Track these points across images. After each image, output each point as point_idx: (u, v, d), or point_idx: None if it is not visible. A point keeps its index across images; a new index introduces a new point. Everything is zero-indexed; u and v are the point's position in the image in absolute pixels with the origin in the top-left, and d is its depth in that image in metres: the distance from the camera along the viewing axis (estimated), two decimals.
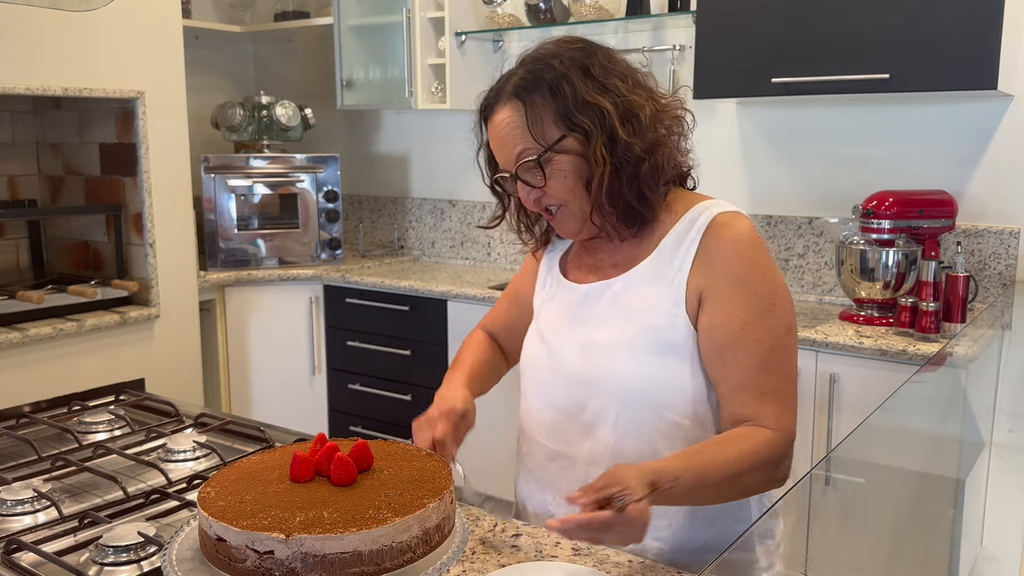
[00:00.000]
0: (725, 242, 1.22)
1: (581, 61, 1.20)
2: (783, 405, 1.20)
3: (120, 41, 2.80)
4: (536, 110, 1.20)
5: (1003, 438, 1.69)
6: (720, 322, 1.21)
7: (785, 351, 1.21)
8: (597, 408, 1.26)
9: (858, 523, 1.22)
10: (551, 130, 1.20)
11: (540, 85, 1.20)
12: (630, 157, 1.19)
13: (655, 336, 1.22)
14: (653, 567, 1.16)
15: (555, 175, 1.21)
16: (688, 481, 1.10)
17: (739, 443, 1.17)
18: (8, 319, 2.65)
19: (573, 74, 1.19)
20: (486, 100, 1.27)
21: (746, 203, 3.07)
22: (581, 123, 1.18)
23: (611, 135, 1.18)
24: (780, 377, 1.20)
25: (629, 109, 1.19)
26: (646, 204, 1.23)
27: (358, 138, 4.12)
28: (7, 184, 3.15)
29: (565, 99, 1.18)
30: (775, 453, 1.18)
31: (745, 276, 1.21)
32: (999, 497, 1.64)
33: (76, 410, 1.77)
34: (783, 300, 1.22)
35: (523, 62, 1.24)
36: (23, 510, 1.28)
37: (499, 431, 3.24)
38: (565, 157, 1.20)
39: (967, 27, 2.30)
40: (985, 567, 1.48)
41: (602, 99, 1.18)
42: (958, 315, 2.34)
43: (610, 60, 1.23)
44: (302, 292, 3.48)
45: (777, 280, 1.23)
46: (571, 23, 3.17)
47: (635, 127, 1.19)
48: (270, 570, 0.94)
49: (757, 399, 1.19)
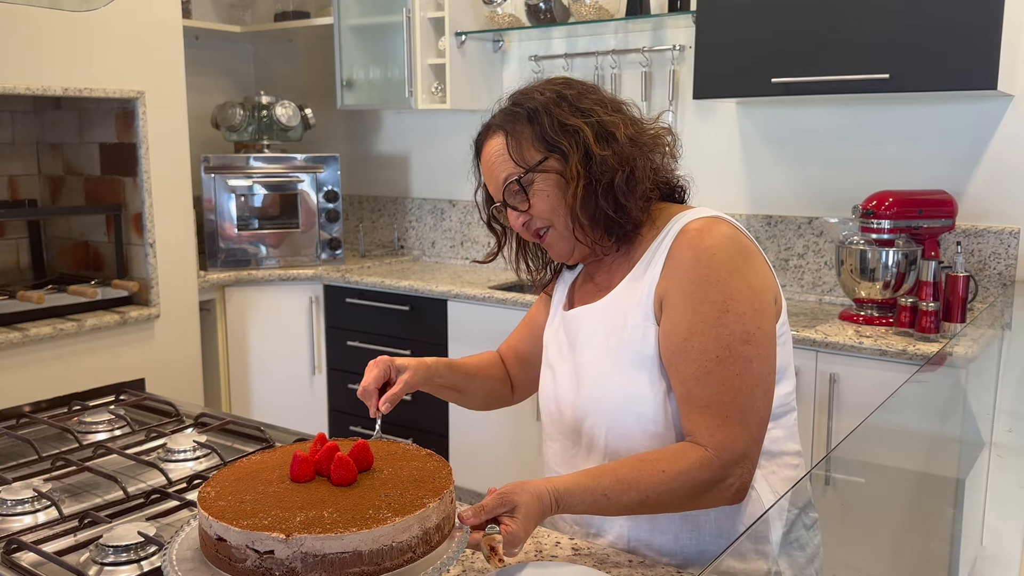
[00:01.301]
0: (684, 249, 1.21)
1: (560, 91, 1.27)
2: (722, 420, 1.15)
3: (120, 41, 2.80)
4: (518, 137, 1.26)
5: (1003, 438, 1.69)
6: (668, 331, 1.20)
7: (738, 361, 1.16)
8: (589, 429, 1.29)
9: (858, 523, 1.22)
10: (532, 153, 1.25)
11: (521, 115, 1.27)
12: (605, 169, 1.22)
13: (631, 351, 1.23)
14: (653, 567, 1.16)
15: (537, 195, 1.25)
16: (589, 502, 1.12)
17: (660, 463, 1.14)
18: (8, 319, 2.65)
19: (551, 102, 1.26)
20: (477, 137, 1.33)
21: (746, 203, 3.07)
22: (558, 144, 1.23)
23: (586, 152, 1.23)
24: (726, 390, 1.16)
25: (604, 128, 1.24)
26: (624, 214, 1.24)
27: (358, 138, 4.12)
28: (7, 184, 3.15)
29: (543, 124, 1.25)
30: (705, 473, 1.13)
31: (697, 283, 1.19)
32: (999, 497, 1.64)
33: (76, 410, 1.78)
34: (742, 307, 1.17)
35: (511, 97, 1.31)
36: (23, 510, 1.28)
37: (499, 431, 3.23)
38: (546, 177, 1.25)
39: (967, 27, 2.30)
40: (985, 567, 1.48)
41: (578, 121, 1.24)
42: (958, 315, 2.34)
43: (588, 89, 1.29)
44: (302, 292, 3.48)
45: (735, 287, 1.18)
46: (571, 23, 3.17)
47: (610, 144, 1.23)
48: (270, 570, 0.94)
49: (696, 412, 1.17)
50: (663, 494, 1.13)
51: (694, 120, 3.13)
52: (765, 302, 1.20)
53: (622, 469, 1.14)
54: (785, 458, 1.30)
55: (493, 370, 1.53)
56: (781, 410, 1.28)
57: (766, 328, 1.19)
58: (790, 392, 1.31)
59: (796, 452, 1.33)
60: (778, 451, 1.29)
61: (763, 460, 1.26)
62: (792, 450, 1.32)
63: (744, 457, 1.16)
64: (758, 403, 1.18)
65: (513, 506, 1.06)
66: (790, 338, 1.31)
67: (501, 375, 1.54)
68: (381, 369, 1.36)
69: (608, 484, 1.12)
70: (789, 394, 1.30)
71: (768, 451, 1.27)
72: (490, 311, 2.98)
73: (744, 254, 1.21)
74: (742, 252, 1.21)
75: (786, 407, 1.30)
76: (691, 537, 1.25)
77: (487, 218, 1.38)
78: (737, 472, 1.16)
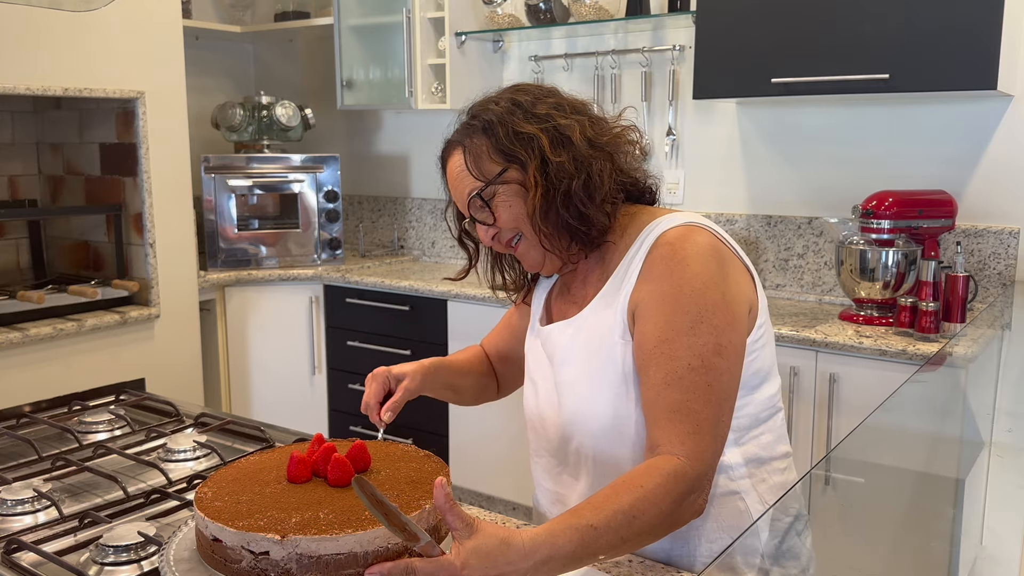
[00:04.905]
0: (658, 261, 1.19)
1: (514, 98, 1.25)
2: (694, 428, 1.10)
3: (120, 41, 2.80)
4: (475, 150, 1.24)
5: (1003, 438, 1.69)
6: (639, 339, 1.17)
7: (710, 372, 1.12)
8: (576, 450, 1.26)
9: (858, 523, 1.22)
10: (490, 166, 1.24)
11: (476, 127, 1.25)
12: (562, 175, 1.20)
13: (611, 369, 1.20)
14: (653, 567, 1.16)
15: (501, 207, 1.24)
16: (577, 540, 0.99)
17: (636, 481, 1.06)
18: (8, 319, 2.66)
19: (505, 112, 1.24)
20: (441, 153, 1.32)
21: (746, 203, 3.07)
22: (515, 153, 1.22)
23: (543, 158, 1.21)
24: (697, 398, 1.11)
25: (559, 132, 1.22)
26: (586, 221, 1.22)
27: (358, 138, 4.12)
28: (7, 184, 3.15)
29: (498, 136, 1.23)
30: (681, 485, 1.07)
31: (671, 294, 1.15)
32: (999, 497, 1.64)
33: (76, 410, 1.78)
34: (716, 319, 1.14)
35: (469, 111, 1.29)
36: (23, 510, 1.28)
37: (498, 433, 3.23)
38: (507, 188, 1.23)
39: (967, 27, 2.30)
40: (985, 567, 1.48)
41: (532, 127, 1.22)
42: (958, 315, 2.34)
43: (544, 93, 1.27)
44: (302, 292, 3.48)
45: (710, 298, 1.14)
46: (571, 23, 3.17)
47: (566, 148, 1.21)
48: (265, 571, 0.94)
49: (665, 418, 1.11)
50: (648, 511, 1.04)
51: (694, 120, 3.13)
52: (739, 315, 1.18)
53: (598, 499, 1.05)
54: (775, 463, 1.27)
55: (482, 366, 1.53)
56: (767, 412, 1.26)
57: (737, 343, 1.17)
58: (775, 394, 1.29)
59: (785, 454, 1.31)
60: (768, 456, 1.27)
61: (752, 468, 1.24)
62: (781, 452, 1.29)
63: (710, 470, 1.12)
64: (724, 418, 1.14)
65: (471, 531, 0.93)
66: (772, 339, 1.28)
67: (489, 371, 1.54)
68: (379, 382, 1.35)
69: (590, 515, 1.01)
70: (774, 395, 1.28)
71: (758, 457, 1.25)
72: (490, 311, 2.98)
73: (720, 264, 1.18)
74: (718, 262, 1.18)
75: (772, 409, 1.28)
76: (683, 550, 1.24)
77: (458, 235, 1.36)
78: (704, 486, 1.11)
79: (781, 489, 1.27)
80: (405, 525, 0.92)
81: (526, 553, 0.95)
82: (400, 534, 0.92)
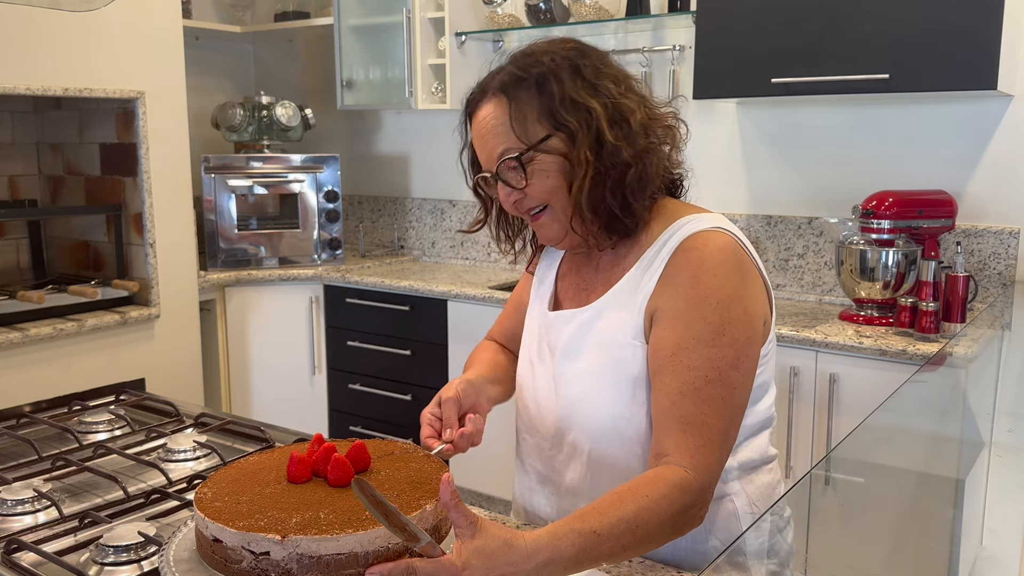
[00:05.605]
0: (683, 267, 1.14)
1: (572, 60, 1.15)
2: (704, 442, 1.08)
3: (120, 41, 2.80)
4: (521, 107, 1.14)
5: (1003, 438, 1.69)
6: (655, 346, 1.13)
7: (726, 385, 1.09)
8: (572, 442, 1.24)
9: (858, 523, 1.22)
10: (535, 128, 1.14)
11: (527, 81, 1.14)
12: (616, 162, 1.12)
13: (621, 370, 1.17)
14: (653, 567, 1.16)
15: (537, 175, 1.14)
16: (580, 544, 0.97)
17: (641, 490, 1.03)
18: (8, 319, 2.65)
19: (562, 72, 1.13)
20: (471, 96, 1.21)
21: (746, 203, 3.07)
22: (567, 122, 1.12)
23: (598, 137, 1.12)
24: (712, 411, 1.08)
25: (619, 112, 1.13)
26: (630, 214, 1.16)
27: (358, 138, 4.12)
28: (7, 184, 3.15)
29: (552, 96, 1.12)
30: (687, 496, 1.05)
31: (694, 302, 1.11)
32: (999, 497, 1.64)
33: (76, 410, 1.78)
34: (737, 332, 1.11)
35: (513, 59, 1.19)
36: (23, 510, 1.28)
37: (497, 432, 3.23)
38: (548, 157, 1.14)
39: (967, 27, 2.30)
40: (985, 567, 1.48)
41: (591, 99, 1.12)
42: (958, 315, 2.34)
43: (603, 62, 1.17)
44: (302, 292, 3.48)
45: (733, 312, 1.11)
46: (571, 23, 3.17)
47: (624, 131, 1.13)
48: (266, 571, 0.94)
49: (678, 429, 1.09)
50: (651, 521, 1.02)
51: (694, 120, 3.13)
52: (756, 329, 1.15)
53: (603, 504, 1.02)
54: (764, 465, 1.28)
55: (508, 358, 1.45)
56: (765, 421, 1.27)
57: (753, 357, 1.14)
58: (772, 403, 1.29)
59: (773, 456, 1.32)
60: (760, 460, 1.27)
61: (744, 472, 1.24)
62: (771, 455, 1.31)
63: (715, 482, 1.10)
64: (732, 432, 1.12)
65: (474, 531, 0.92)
66: (775, 354, 1.27)
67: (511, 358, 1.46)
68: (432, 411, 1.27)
69: (593, 520, 0.99)
70: (771, 406, 1.28)
71: (751, 461, 1.25)
72: (490, 311, 2.98)
73: (743, 275, 1.15)
74: (741, 273, 1.14)
75: (769, 419, 1.28)
76: None
77: (472, 184, 1.26)
78: (707, 499, 1.09)
79: (768, 489, 1.28)
80: (405, 526, 0.92)
81: (528, 555, 0.94)
82: (400, 534, 0.92)
